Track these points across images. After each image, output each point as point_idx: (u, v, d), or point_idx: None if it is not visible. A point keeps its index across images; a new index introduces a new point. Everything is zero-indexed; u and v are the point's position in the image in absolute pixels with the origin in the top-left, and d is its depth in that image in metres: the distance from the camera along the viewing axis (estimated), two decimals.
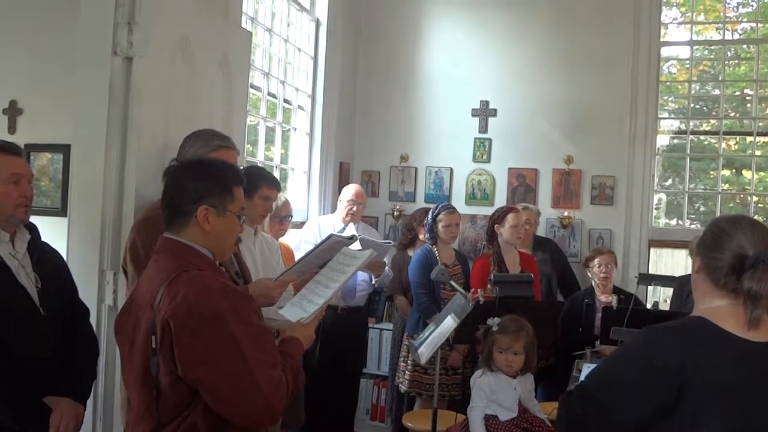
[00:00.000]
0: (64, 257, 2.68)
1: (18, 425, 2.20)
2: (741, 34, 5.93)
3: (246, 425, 1.80)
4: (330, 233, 2.82)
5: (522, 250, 4.61)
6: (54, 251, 2.55)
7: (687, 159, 5.63)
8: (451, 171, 5.78)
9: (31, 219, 2.44)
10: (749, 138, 5.63)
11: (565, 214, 5.45)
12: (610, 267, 4.61)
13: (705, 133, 5.95)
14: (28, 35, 3.46)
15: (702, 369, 1.57)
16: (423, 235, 4.61)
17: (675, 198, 5.81)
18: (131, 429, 1.92)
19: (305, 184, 5.43)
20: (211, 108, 3.38)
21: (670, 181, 6.02)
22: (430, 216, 4.46)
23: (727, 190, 5.91)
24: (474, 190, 5.72)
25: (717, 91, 5.83)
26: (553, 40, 5.54)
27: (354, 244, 2.65)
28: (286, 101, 5.15)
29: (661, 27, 5.59)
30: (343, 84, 5.71)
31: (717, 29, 5.86)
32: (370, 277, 4.58)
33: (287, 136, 5.28)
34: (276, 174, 4.69)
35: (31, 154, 3.45)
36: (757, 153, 5.63)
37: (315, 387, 4.08)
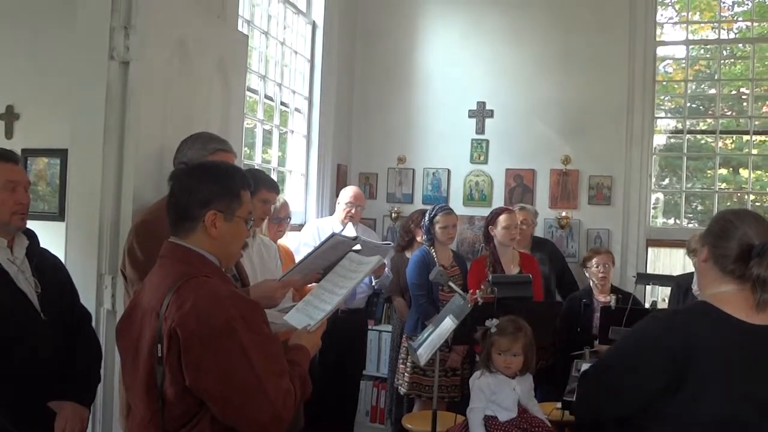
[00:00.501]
0: (62, 262, 2.68)
1: (18, 429, 2.20)
2: (736, 33, 5.94)
3: None
4: (332, 232, 2.82)
5: (521, 250, 4.61)
6: (54, 257, 2.56)
7: (684, 158, 5.64)
8: (449, 172, 5.78)
9: (29, 224, 2.44)
10: (746, 137, 5.65)
11: (563, 214, 5.46)
12: (607, 267, 4.62)
13: (702, 133, 5.97)
14: (24, 40, 3.45)
15: (705, 349, 1.70)
16: (420, 237, 4.61)
17: (672, 197, 5.83)
18: None
19: (303, 186, 5.43)
20: (208, 111, 3.38)
21: (667, 181, 6.03)
22: (427, 217, 4.46)
23: (724, 189, 5.92)
24: (472, 191, 5.73)
25: (713, 90, 5.84)
26: (549, 40, 5.55)
27: (356, 245, 2.65)
28: (283, 104, 5.15)
29: (657, 27, 5.61)
30: (340, 86, 5.71)
31: (712, 28, 5.87)
32: (370, 279, 4.58)
33: (284, 138, 5.28)
34: (273, 177, 4.69)
35: (28, 158, 3.44)
36: (754, 152, 5.64)
37: (315, 389, 4.07)
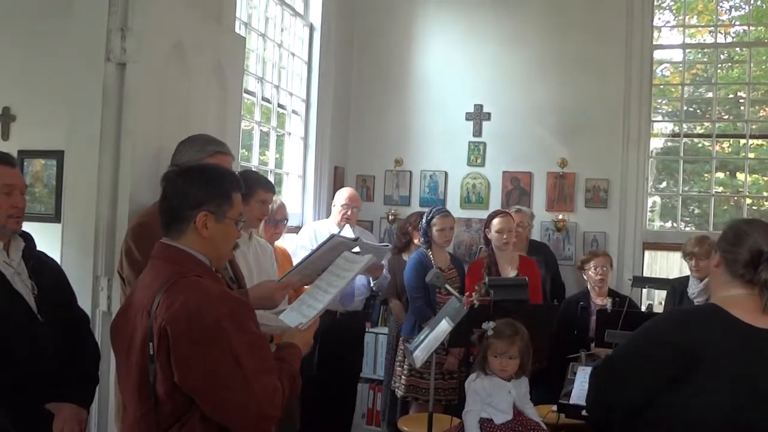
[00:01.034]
0: (59, 264, 2.68)
1: (17, 430, 2.20)
2: (734, 37, 5.97)
3: None
4: (332, 234, 2.82)
5: (519, 253, 4.61)
6: (51, 259, 2.57)
7: (681, 162, 5.65)
8: (446, 175, 5.79)
9: (25, 225, 2.44)
10: (742, 140, 5.66)
11: (560, 217, 5.46)
12: (605, 269, 4.61)
13: (698, 136, 5.98)
14: (21, 42, 3.44)
15: (712, 348, 1.79)
16: (418, 239, 4.61)
17: (669, 200, 5.83)
18: None
19: (300, 188, 5.43)
20: (205, 113, 3.38)
21: (664, 184, 6.05)
22: (424, 220, 4.46)
23: (721, 192, 5.94)
24: (469, 193, 5.73)
25: (710, 94, 5.86)
26: (547, 43, 5.56)
27: (356, 246, 2.65)
28: (280, 106, 5.15)
29: (654, 30, 5.62)
30: (337, 88, 5.71)
31: (710, 32, 5.89)
32: (368, 281, 4.58)
33: (282, 140, 5.28)
34: (271, 179, 4.68)
35: (25, 160, 3.43)
36: (751, 155, 5.66)
37: (313, 392, 4.08)
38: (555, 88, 5.52)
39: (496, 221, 4.38)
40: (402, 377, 4.36)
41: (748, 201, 5.58)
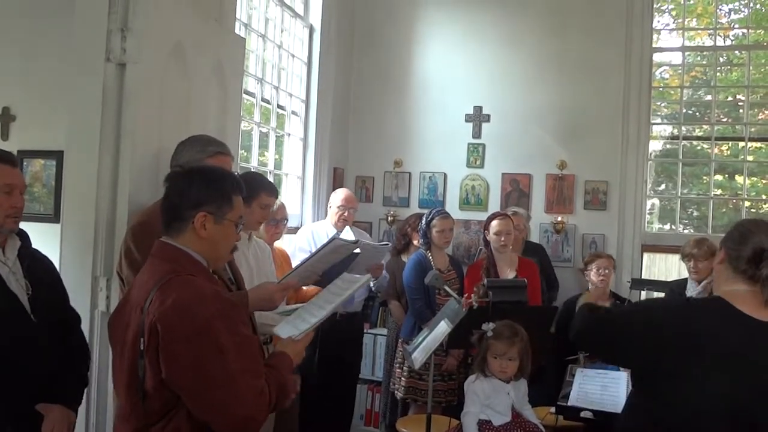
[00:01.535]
0: (56, 263, 2.68)
1: (8, 430, 2.20)
2: (733, 40, 5.96)
3: None
4: (333, 236, 2.82)
5: (519, 255, 4.61)
6: (44, 258, 2.55)
7: (680, 164, 5.65)
8: (445, 176, 5.79)
9: (24, 225, 2.43)
10: (741, 143, 5.66)
11: (559, 219, 5.47)
12: (608, 271, 4.56)
13: (697, 139, 5.98)
14: (21, 42, 3.45)
15: (713, 337, 1.87)
16: (417, 241, 4.61)
17: (668, 203, 5.83)
18: (116, 429, 1.94)
19: (299, 189, 5.43)
20: (205, 114, 3.38)
21: (663, 186, 6.04)
22: (424, 221, 4.46)
23: (720, 195, 5.94)
24: (468, 195, 5.74)
25: (709, 97, 5.86)
26: (546, 45, 5.57)
27: (357, 248, 2.66)
28: (279, 107, 5.16)
29: (654, 33, 5.62)
30: (337, 89, 5.72)
31: (709, 35, 5.90)
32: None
33: (281, 141, 5.28)
34: (270, 179, 4.68)
35: (24, 160, 3.44)
36: (749, 158, 5.66)
37: (312, 393, 4.07)
38: (554, 90, 5.53)
39: (494, 223, 4.39)
40: (401, 378, 4.36)
41: (746, 204, 5.58)
